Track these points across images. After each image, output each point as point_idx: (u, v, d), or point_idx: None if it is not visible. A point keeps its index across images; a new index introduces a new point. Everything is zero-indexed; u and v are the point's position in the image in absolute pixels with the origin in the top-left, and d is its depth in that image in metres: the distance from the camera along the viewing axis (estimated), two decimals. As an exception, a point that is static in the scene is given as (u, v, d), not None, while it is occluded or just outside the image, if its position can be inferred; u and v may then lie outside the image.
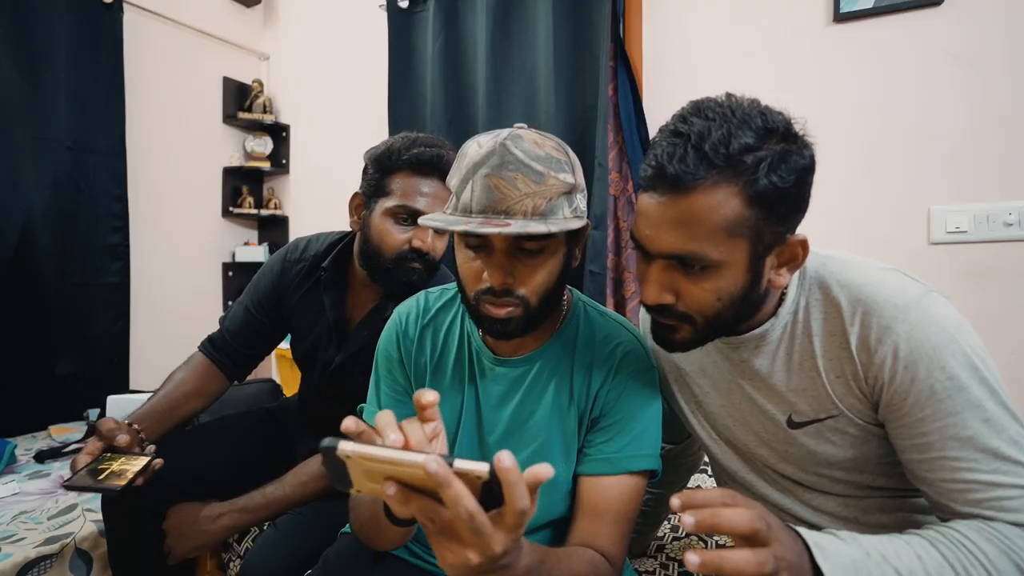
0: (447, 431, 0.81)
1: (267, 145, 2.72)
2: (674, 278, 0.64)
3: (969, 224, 1.53)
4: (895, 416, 0.63)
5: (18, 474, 1.51)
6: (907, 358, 0.60)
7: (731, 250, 0.60)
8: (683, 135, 0.60)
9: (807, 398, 0.69)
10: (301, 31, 2.71)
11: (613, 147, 1.90)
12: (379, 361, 0.89)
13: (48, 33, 1.94)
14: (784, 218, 0.61)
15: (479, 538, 0.43)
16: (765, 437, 0.74)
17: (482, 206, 0.67)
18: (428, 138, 1.07)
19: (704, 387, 0.80)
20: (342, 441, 0.42)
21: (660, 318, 0.68)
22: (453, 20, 2.15)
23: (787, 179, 0.59)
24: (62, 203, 2.00)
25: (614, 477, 0.74)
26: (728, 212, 0.59)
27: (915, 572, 0.54)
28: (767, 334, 0.70)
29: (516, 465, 0.42)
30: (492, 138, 0.70)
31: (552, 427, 0.78)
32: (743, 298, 0.64)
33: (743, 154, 0.57)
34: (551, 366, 0.80)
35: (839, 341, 0.65)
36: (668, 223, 0.61)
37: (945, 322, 0.60)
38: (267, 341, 1.26)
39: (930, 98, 1.58)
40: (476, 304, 0.73)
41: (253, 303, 1.22)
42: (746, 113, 0.60)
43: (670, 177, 0.59)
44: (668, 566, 1.05)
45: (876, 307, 0.62)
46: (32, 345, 1.93)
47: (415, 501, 0.44)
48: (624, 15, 1.91)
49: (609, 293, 1.89)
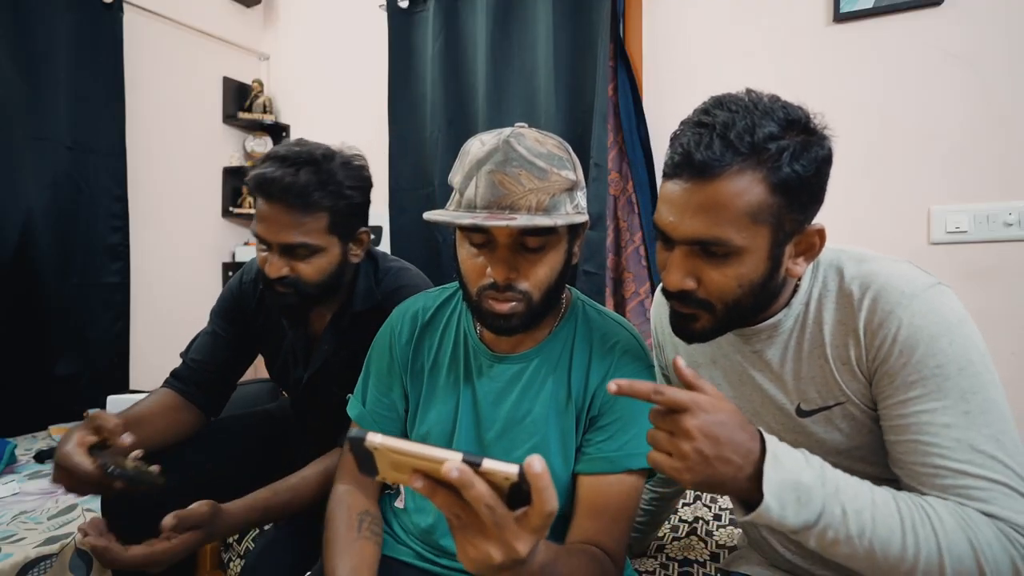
0: (445, 428, 0.83)
1: (267, 145, 2.72)
2: (696, 264, 0.65)
3: (969, 224, 1.53)
4: (883, 396, 0.64)
5: (18, 474, 1.51)
6: (904, 342, 0.61)
7: (754, 236, 0.62)
8: (708, 125, 0.62)
9: (816, 386, 0.70)
10: (301, 31, 2.71)
11: (613, 147, 1.90)
12: (372, 359, 0.91)
13: (48, 33, 1.94)
14: (804, 207, 0.64)
15: (504, 536, 0.44)
16: (775, 428, 0.75)
17: (487, 201, 0.68)
18: (288, 152, 0.97)
19: (716, 379, 0.81)
20: (371, 432, 0.43)
21: (680, 306, 0.69)
22: (453, 20, 2.15)
23: (808, 168, 0.61)
24: (62, 203, 2.00)
25: (613, 476, 0.75)
26: (752, 198, 0.61)
27: (861, 512, 0.56)
28: (780, 324, 0.71)
29: (547, 470, 0.43)
30: (495, 136, 0.71)
31: (549, 424, 0.78)
32: (763, 285, 0.65)
33: (767, 142, 0.60)
34: (549, 364, 0.80)
35: (848, 328, 0.66)
36: (693, 209, 0.62)
37: (947, 313, 0.62)
38: (238, 364, 1.21)
39: (930, 98, 1.58)
40: (479, 300, 0.73)
41: (220, 327, 1.17)
42: (768, 106, 0.62)
43: (697, 163, 0.61)
44: (668, 566, 1.05)
45: (884, 292, 0.64)
46: (32, 345, 1.93)
47: (441, 495, 0.44)
48: (624, 15, 1.91)
49: (609, 293, 1.89)
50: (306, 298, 1.02)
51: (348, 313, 1.09)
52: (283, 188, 0.94)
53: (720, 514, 1.25)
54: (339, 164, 1.00)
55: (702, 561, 1.07)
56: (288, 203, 0.95)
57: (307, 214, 0.96)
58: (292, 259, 0.99)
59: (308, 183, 0.95)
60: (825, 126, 0.64)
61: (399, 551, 0.86)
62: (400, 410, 0.88)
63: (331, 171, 0.98)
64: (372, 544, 0.81)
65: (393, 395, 0.88)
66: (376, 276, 1.12)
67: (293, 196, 0.94)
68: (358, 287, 1.10)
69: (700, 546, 1.12)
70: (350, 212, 1.02)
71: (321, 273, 1.01)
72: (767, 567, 0.83)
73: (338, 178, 0.98)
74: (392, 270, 1.14)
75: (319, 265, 1.00)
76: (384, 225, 2.42)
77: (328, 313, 1.12)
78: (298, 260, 0.99)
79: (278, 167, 0.95)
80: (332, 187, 0.97)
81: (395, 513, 0.90)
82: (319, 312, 1.12)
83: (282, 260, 0.98)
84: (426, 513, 0.84)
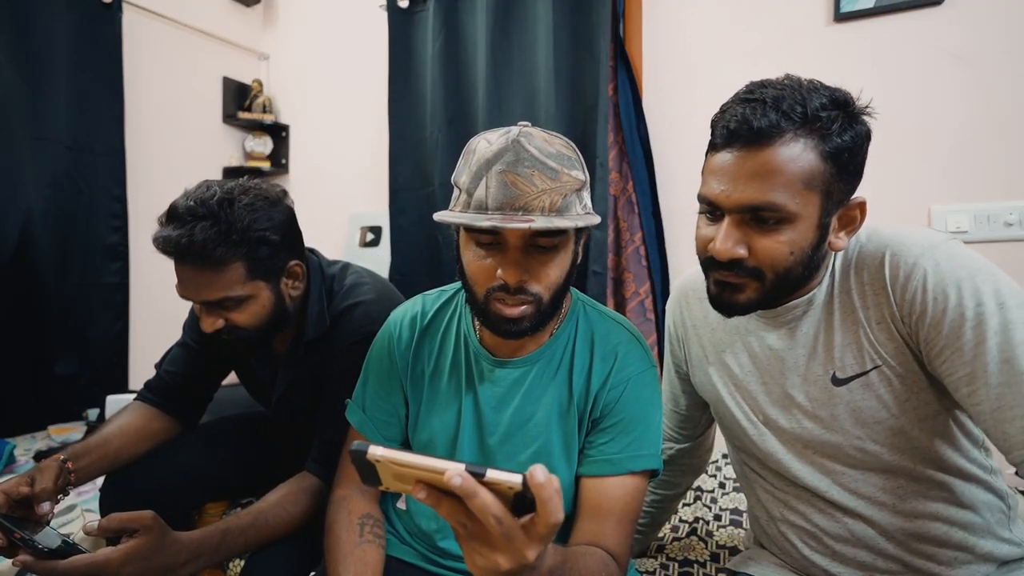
0: (448, 434, 0.82)
1: (267, 145, 2.72)
2: (747, 233, 0.67)
3: (970, 224, 1.53)
4: (937, 351, 0.64)
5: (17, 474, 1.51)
6: (935, 289, 0.63)
7: (806, 203, 0.64)
8: (758, 100, 0.64)
9: (851, 351, 0.71)
10: (301, 31, 2.71)
11: (613, 147, 1.90)
12: (370, 364, 0.89)
13: (48, 33, 1.94)
14: (851, 178, 0.66)
15: (511, 544, 0.44)
16: (806, 405, 0.75)
17: (499, 203, 0.66)
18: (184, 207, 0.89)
19: (743, 362, 0.81)
20: (372, 445, 0.43)
21: (729, 276, 0.69)
22: (453, 20, 2.15)
23: (856, 141, 0.64)
24: (62, 203, 2.00)
25: (616, 478, 0.74)
26: (805, 164, 0.63)
27: None
28: (814, 298, 0.73)
29: (550, 479, 0.42)
30: (502, 135, 0.69)
31: (552, 428, 0.78)
32: (811, 255, 0.67)
33: (820, 111, 0.63)
34: (551, 367, 0.80)
35: (877, 287, 0.68)
36: (747, 175, 0.64)
37: (971, 257, 0.64)
38: (211, 375, 1.17)
39: (930, 98, 1.58)
40: (486, 303, 0.72)
41: (192, 339, 1.14)
42: (811, 85, 0.66)
43: (754, 130, 0.63)
44: (668, 566, 1.05)
45: (904, 248, 0.67)
46: (31, 345, 1.93)
47: (445, 505, 0.44)
48: (624, 15, 1.91)
49: (609, 293, 1.89)
50: (251, 340, 0.98)
51: (301, 342, 1.04)
52: (182, 249, 0.87)
53: (720, 514, 1.25)
54: (242, 208, 0.91)
55: (702, 561, 1.06)
56: (194, 263, 0.88)
57: (217, 270, 0.89)
58: (222, 311, 0.93)
59: (206, 240, 0.87)
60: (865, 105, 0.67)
61: (402, 551, 0.86)
62: (401, 415, 0.87)
63: (232, 220, 0.89)
64: (376, 547, 0.80)
65: (393, 400, 0.86)
66: (329, 297, 1.06)
67: (195, 256, 0.87)
68: (309, 313, 1.04)
69: (700, 546, 1.12)
70: (269, 254, 0.94)
71: (257, 318, 0.95)
72: (778, 568, 0.83)
73: (242, 225, 0.90)
74: (344, 289, 1.07)
75: (252, 311, 0.95)
76: (384, 225, 2.42)
77: (288, 338, 1.07)
78: (228, 311, 0.93)
79: (175, 227, 0.88)
80: (235, 236, 0.89)
81: (397, 514, 0.90)
82: (279, 337, 1.07)
83: (212, 315, 0.93)
84: (427, 516, 0.84)
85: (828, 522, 0.76)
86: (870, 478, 0.73)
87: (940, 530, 0.71)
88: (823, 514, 0.77)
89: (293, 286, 1.02)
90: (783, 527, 0.81)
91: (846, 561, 0.76)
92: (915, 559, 0.72)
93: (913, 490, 0.72)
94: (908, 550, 0.73)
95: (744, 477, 0.89)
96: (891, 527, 0.73)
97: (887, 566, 0.74)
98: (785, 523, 0.81)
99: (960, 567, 0.71)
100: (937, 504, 0.71)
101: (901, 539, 0.73)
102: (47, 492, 0.87)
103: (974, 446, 0.73)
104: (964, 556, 0.71)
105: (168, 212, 0.91)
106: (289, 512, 0.93)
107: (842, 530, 0.75)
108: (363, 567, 0.76)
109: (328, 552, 0.80)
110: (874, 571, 0.75)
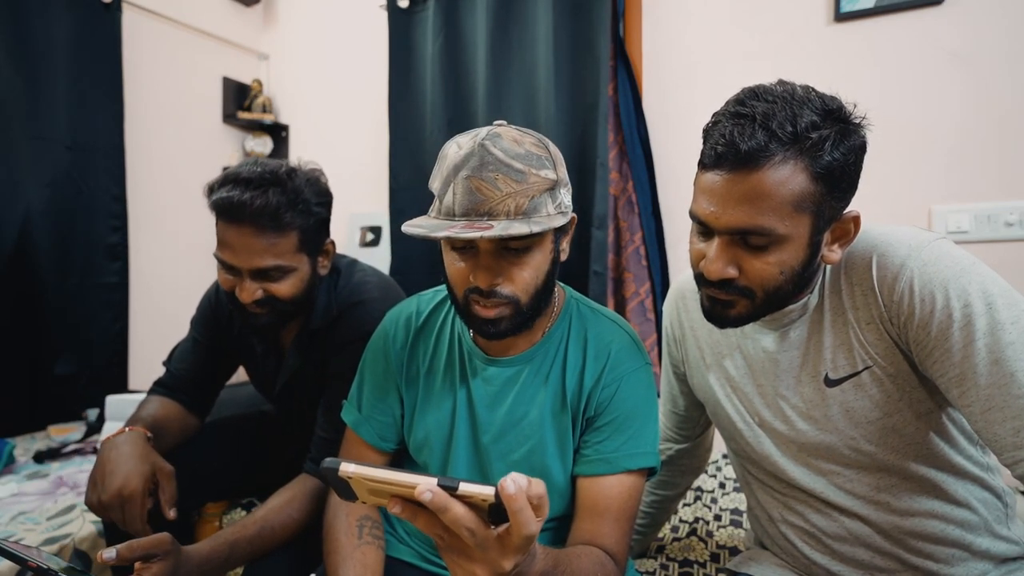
0: (441, 433, 0.82)
1: (267, 145, 2.72)
2: (737, 253, 0.66)
3: (970, 224, 1.53)
4: (927, 353, 0.64)
5: (17, 474, 1.51)
6: (922, 290, 0.63)
7: (796, 225, 0.63)
8: (747, 116, 0.62)
9: (843, 352, 0.71)
10: (301, 31, 2.71)
11: (613, 147, 1.90)
12: (366, 364, 0.90)
13: (47, 33, 1.93)
14: (843, 194, 0.65)
15: (486, 555, 0.45)
16: (801, 407, 0.75)
17: (464, 209, 0.66)
18: (251, 173, 0.93)
19: (739, 365, 0.81)
20: (344, 462, 0.43)
21: (719, 293, 0.69)
22: (453, 20, 2.15)
23: (848, 156, 0.62)
24: (61, 203, 1.99)
25: (613, 476, 0.75)
26: (795, 187, 0.61)
27: None
28: (807, 304, 0.73)
29: (521, 491, 0.42)
30: (471, 138, 0.69)
31: (546, 427, 0.78)
32: (802, 272, 0.67)
33: (809, 131, 0.61)
34: (544, 366, 0.80)
35: (866, 287, 0.68)
36: (736, 199, 0.63)
37: (958, 257, 0.63)
38: (220, 370, 1.20)
39: (930, 98, 1.57)
40: (465, 305, 0.73)
41: (200, 335, 1.17)
42: (804, 96, 0.63)
43: (741, 154, 0.61)
44: (668, 566, 1.05)
45: (891, 248, 0.66)
46: (31, 345, 1.92)
47: (422, 518, 0.44)
48: (624, 15, 1.90)
49: (609, 293, 1.89)
50: (282, 315, 1.00)
51: (307, 331, 1.07)
52: (255, 211, 0.90)
53: (720, 515, 1.24)
54: (304, 181, 0.97)
55: (702, 562, 1.06)
56: (260, 226, 0.91)
57: (279, 235, 0.94)
58: (265, 281, 0.96)
59: (279, 204, 0.91)
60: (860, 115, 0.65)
61: (401, 551, 0.86)
62: (396, 415, 0.87)
63: (297, 189, 0.95)
64: (375, 549, 0.80)
65: (389, 400, 0.87)
66: (335, 290, 1.09)
67: (266, 219, 0.91)
68: (317, 303, 1.07)
69: (700, 547, 1.12)
70: (318, 228, 1.01)
71: (295, 290, 0.99)
72: (779, 568, 0.83)
73: (305, 195, 0.96)
74: (351, 285, 1.10)
75: (292, 283, 0.98)
76: (384, 225, 2.42)
77: (294, 328, 1.10)
78: (272, 281, 0.96)
79: (243, 190, 0.91)
80: (301, 205, 0.95)
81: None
82: (287, 327, 1.09)
83: (255, 283, 0.95)
84: None
85: (826, 522, 0.76)
86: (864, 477, 0.73)
87: (936, 527, 0.71)
88: (820, 514, 0.77)
89: (324, 264, 1.06)
90: (783, 528, 0.81)
91: (846, 560, 0.76)
92: (913, 557, 0.73)
93: (907, 488, 0.72)
94: (905, 548, 0.73)
95: (744, 479, 0.89)
96: (887, 525, 0.73)
97: (886, 564, 0.74)
98: (785, 524, 0.81)
99: (958, 564, 0.72)
100: (932, 501, 0.72)
101: (898, 537, 0.73)
102: (174, 498, 0.94)
103: (970, 443, 0.73)
104: (961, 554, 0.71)
105: (228, 178, 0.94)
106: (293, 518, 0.94)
107: (840, 529, 0.75)
108: (363, 568, 0.77)
109: (328, 554, 0.80)
110: (874, 569, 0.75)
